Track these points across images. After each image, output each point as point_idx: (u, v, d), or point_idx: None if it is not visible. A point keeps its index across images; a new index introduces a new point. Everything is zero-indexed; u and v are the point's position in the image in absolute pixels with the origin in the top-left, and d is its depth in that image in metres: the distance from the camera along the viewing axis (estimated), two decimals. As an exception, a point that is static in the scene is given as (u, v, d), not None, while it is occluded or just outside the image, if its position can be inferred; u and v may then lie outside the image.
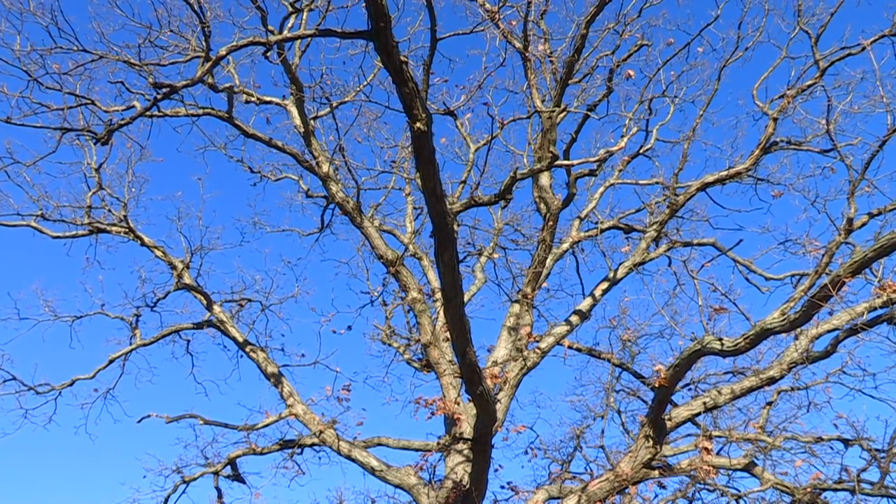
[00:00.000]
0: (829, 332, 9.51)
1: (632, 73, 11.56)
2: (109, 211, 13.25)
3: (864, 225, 10.11)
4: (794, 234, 13.11)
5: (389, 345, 13.42)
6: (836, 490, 10.15)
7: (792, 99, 11.94)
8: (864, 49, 11.09)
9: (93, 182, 12.95)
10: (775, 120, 12.01)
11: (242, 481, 12.75)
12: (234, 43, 7.01)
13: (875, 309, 8.79)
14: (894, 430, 9.72)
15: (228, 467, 12.60)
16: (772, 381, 10.05)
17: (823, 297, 8.09)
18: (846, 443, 10.78)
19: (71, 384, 13.37)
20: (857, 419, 10.68)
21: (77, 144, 12.84)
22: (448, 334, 9.48)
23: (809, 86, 11.89)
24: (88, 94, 10.54)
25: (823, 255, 8.98)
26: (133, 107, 11.07)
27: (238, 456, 12.46)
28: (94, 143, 12.44)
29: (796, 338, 9.77)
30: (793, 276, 12.68)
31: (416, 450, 11.82)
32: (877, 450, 10.10)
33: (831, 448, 11.00)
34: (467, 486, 10.21)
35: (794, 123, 13.04)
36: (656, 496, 10.77)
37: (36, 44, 9.58)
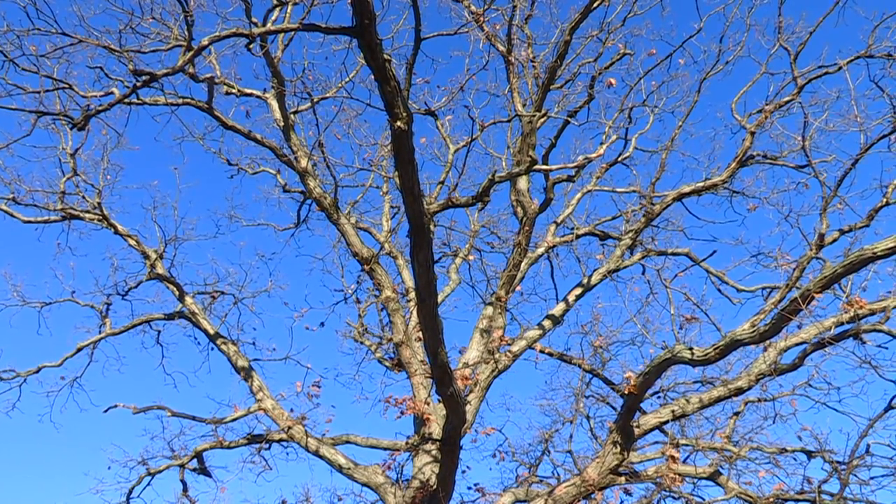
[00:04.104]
0: (797, 345, 9.63)
1: (613, 81, 11.61)
2: (83, 197, 13.10)
3: (834, 241, 10.30)
4: (767, 247, 13.26)
5: (361, 343, 13.38)
6: (797, 500, 10.31)
7: (769, 114, 12.09)
8: (840, 69, 11.29)
9: (67, 167, 12.82)
10: (753, 134, 12.17)
11: (209, 475, 12.66)
12: (217, 33, 6.94)
13: (842, 324, 8.94)
14: (855, 443, 9.85)
15: (195, 460, 12.50)
16: (739, 391, 10.16)
17: (793, 311, 8.20)
18: (809, 454, 10.95)
19: (37, 371, 13.22)
20: (821, 432, 10.84)
21: (52, 129, 12.71)
22: (420, 334, 9.48)
23: (787, 102, 12.04)
24: (66, 78, 10.44)
25: (794, 270, 9.14)
26: (111, 93, 10.94)
27: (205, 449, 12.36)
28: (70, 129, 12.23)
29: (765, 350, 9.89)
30: (764, 288, 12.83)
31: (385, 449, 11.80)
32: (838, 462, 10.24)
33: (795, 459, 11.17)
34: (434, 487, 10.22)
35: (770, 138, 13.21)
36: (622, 502, 10.86)
37: (13, 24, 9.45)
